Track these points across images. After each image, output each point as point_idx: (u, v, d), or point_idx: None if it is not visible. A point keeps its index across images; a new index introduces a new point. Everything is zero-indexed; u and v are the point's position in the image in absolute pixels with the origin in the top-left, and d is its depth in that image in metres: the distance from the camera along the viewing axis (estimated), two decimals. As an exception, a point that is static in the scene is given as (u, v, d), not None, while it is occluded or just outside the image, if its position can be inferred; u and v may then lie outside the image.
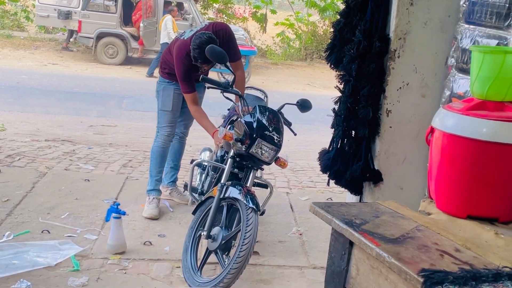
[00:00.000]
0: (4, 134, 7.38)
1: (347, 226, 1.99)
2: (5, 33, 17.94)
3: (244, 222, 3.57)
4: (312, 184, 6.29)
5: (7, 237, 4.14)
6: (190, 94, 4.45)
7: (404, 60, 3.15)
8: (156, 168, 4.89)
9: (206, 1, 21.37)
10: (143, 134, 8.23)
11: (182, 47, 4.40)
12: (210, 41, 4.13)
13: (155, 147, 4.85)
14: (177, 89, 4.67)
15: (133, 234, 4.42)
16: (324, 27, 21.70)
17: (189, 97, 4.47)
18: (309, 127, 9.22)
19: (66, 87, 11.96)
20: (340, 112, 3.31)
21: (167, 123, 4.80)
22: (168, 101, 4.70)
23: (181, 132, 5.03)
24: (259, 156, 3.88)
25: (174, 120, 4.82)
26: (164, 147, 4.85)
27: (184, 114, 4.89)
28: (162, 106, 4.79)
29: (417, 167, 3.22)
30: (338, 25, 3.37)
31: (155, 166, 4.88)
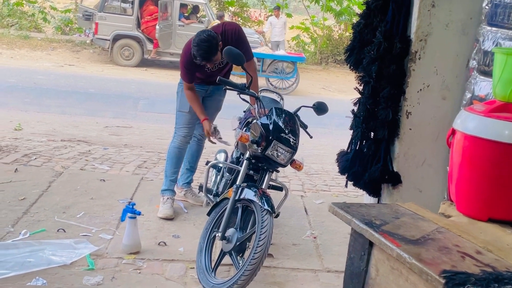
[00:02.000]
0: (21, 134, 7.43)
1: (367, 226, 1.97)
2: (22, 34, 18.10)
3: (259, 224, 3.55)
4: (326, 187, 6.26)
5: (24, 235, 4.15)
6: (188, 84, 4.56)
7: (425, 62, 3.13)
8: (172, 169, 4.89)
9: (222, 4, 21.43)
10: (158, 136, 8.25)
11: (188, 43, 4.43)
12: (209, 39, 4.13)
13: (171, 148, 4.85)
14: (196, 90, 4.66)
15: (148, 234, 4.41)
16: (339, 31, 21.68)
17: (186, 85, 4.57)
18: (324, 131, 9.19)
19: (82, 88, 12.03)
20: (359, 113, 3.29)
21: (184, 124, 4.79)
22: (186, 102, 4.69)
23: (200, 134, 5.02)
24: (275, 158, 3.86)
25: (192, 122, 4.82)
26: (181, 148, 4.85)
27: None
28: (180, 107, 4.79)
29: (436, 169, 3.19)
30: (358, 26, 3.35)
31: (170, 167, 4.88)
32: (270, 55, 14.88)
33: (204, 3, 16.15)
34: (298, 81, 14.58)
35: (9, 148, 6.44)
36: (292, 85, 14.51)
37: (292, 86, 14.51)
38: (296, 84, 14.53)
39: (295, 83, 14.54)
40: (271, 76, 14.60)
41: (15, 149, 6.43)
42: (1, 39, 17.31)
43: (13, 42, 17.17)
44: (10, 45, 16.75)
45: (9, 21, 19.55)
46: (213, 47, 4.16)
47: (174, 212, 4.82)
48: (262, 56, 14.70)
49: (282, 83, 14.63)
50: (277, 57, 14.70)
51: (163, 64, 16.12)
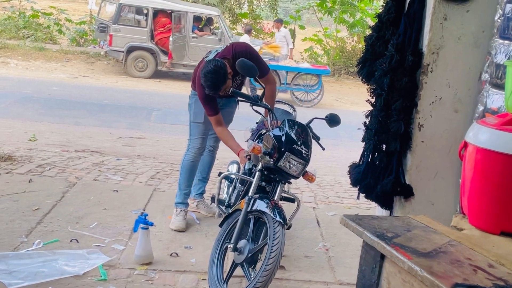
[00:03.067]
0: (35, 144, 7.49)
1: (378, 239, 1.97)
2: (38, 45, 18.28)
3: (271, 235, 3.55)
4: (339, 199, 6.25)
5: (37, 245, 4.18)
6: (214, 116, 4.43)
7: (437, 74, 3.13)
8: (185, 182, 4.91)
9: (235, 16, 21.54)
10: (171, 147, 8.28)
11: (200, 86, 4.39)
12: (216, 70, 4.09)
13: (185, 161, 4.87)
14: None
15: (160, 245, 4.43)
16: (352, 43, 21.71)
17: (213, 119, 4.45)
18: (337, 143, 9.19)
19: (96, 99, 12.11)
20: (371, 125, 3.29)
21: (199, 135, 4.82)
22: (200, 113, 4.72)
23: (211, 146, 5.04)
24: (287, 169, 3.87)
25: (206, 132, 4.85)
26: (194, 161, 4.88)
27: None
28: (194, 118, 4.81)
29: (448, 182, 3.18)
30: (370, 39, 3.37)
31: (184, 180, 4.90)
32: (295, 68, 14.93)
33: (218, 15, 16.24)
34: (323, 93, 14.61)
35: (24, 158, 6.50)
36: (316, 97, 14.54)
37: (317, 98, 14.54)
38: (321, 97, 14.56)
39: (320, 95, 14.57)
40: (295, 89, 14.65)
41: (30, 159, 6.49)
42: (16, 50, 17.49)
43: (29, 53, 17.34)
44: (26, 57, 16.92)
45: (25, 33, 19.76)
46: (220, 77, 4.12)
47: (186, 224, 4.83)
48: (286, 69, 14.76)
49: (307, 96, 14.67)
50: (301, 69, 14.73)
51: (177, 75, 16.20)
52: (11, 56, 16.72)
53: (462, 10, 3.08)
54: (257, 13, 22.75)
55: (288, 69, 14.80)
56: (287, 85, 14.61)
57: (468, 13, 3.09)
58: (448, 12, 3.07)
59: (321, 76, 14.61)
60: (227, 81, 4.22)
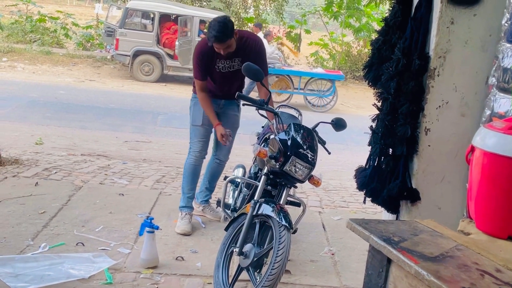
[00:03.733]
0: (41, 148, 7.51)
1: (385, 243, 1.96)
2: (44, 49, 18.36)
3: (277, 239, 3.54)
4: (344, 204, 6.23)
5: (43, 249, 4.19)
6: (200, 81, 4.58)
7: (444, 78, 3.12)
8: (188, 185, 4.91)
9: (240, 20, 21.58)
10: (177, 151, 8.29)
11: (202, 39, 4.62)
12: (225, 21, 4.24)
13: (187, 165, 4.89)
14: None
15: (166, 249, 4.43)
16: (358, 47, 21.72)
17: (198, 83, 4.61)
18: (342, 147, 9.18)
19: (102, 103, 12.15)
20: (377, 129, 3.29)
21: (198, 138, 4.82)
22: (198, 116, 4.74)
23: (223, 157, 5.03)
24: (293, 174, 3.86)
25: (206, 135, 4.85)
26: (196, 165, 4.88)
27: None
28: (193, 121, 4.83)
29: (455, 186, 3.17)
30: (377, 43, 3.37)
31: (187, 184, 4.91)
32: (308, 73, 14.96)
33: (224, 20, 16.24)
34: (337, 99, 14.62)
35: (30, 162, 6.51)
36: (330, 103, 14.54)
37: (330, 103, 14.54)
38: (334, 102, 14.57)
39: (333, 100, 14.57)
40: (308, 94, 14.66)
41: (36, 163, 6.50)
42: (23, 54, 17.57)
43: (35, 57, 17.42)
44: (32, 61, 16.99)
45: (32, 37, 19.86)
46: (228, 28, 4.23)
47: (192, 228, 4.83)
48: (300, 74, 14.80)
49: (320, 101, 14.68)
50: (315, 75, 14.77)
51: (183, 79, 16.23)
52: (18, 60, 16.80)
53: (469, 14, 3.07)
54: (263, 17, 22.78)
55: (302, 74, 14.83)
56: (301, 90, 14.64)
57: (475, 17, 3.09)
58: (455, 16, 3.07)
59: (334, 81, 14.62)
60: (232, 40, 4.30)
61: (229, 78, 4.65)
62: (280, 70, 14.81)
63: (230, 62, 4.55)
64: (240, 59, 4.51)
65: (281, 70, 14.92)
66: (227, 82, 4.66)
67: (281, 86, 14.73)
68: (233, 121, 4.91)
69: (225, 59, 4.51)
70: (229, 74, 4.61)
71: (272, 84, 14.51)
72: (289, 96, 14.86)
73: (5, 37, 19.59)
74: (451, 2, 3.05)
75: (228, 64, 4.55)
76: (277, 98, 14.81)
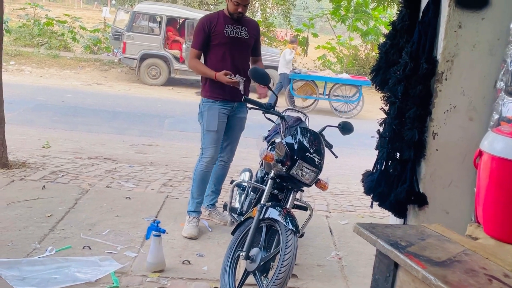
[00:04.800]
0: (48, 151, 7.54)
1: (392, 247, 1.95)
2: (52, 53, 18.45)
3: (283, 244, 3.53)
4: (352, 208, 6.22)
5: (50, 252, 4.20)
6: (196, 50, 4.77)
7: (451, 82, 3.10)
8: (198, 191, 4.91)
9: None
10: (184, 154, 8.30)
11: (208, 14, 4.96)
12: None
13: (198, 171, 4.87)
14: (222, 108, 4.72)
15: (172, 253, 4.42)
16: (366, 51, 21.71)
17: (194, 51, 4.77)
18: (350, 151, 9.16)
19: (109, 106, 12.18)
20: (385, 133, 3.27)
21: (212, 144, 4.80)
22: (213, 121, 4.73)
23: (225, 159, 5.05)
24: (300, 177, 3.85)
25: (219, 141, 4.85)
26: (207, 171, 4.88)
27: (229, 138, 4.96)
28: (207, 127, 4.78)
29: (463, 191, 3.15)
30: (384, 46, 3.36)
31: (197, 189, 4.91)
32: (334, 79, 14.95)
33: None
34: (363, 104, 14.57)
35: (37, 165, 6.54)
36: (355, 108, 14.50)
37: (355, 109, 14.50)
38: (360, 108, 14.53)
39: (359, 106, 14.53)
40: (334, 100, 14.66)
41: (43, 166, 6.53)
42: (31, 58, 17.66)
43: (43, 61, 17.50)
44: (40, 64, 17.07)
45: (39, 41, 19.96)
46: None
47: (198, 232, 4.82)
48: (326, 79, 14.79)
49: (346, 107, 14.66)
50: (340, 80, 14.73)
51: (190, 83, 16.27)
52: (26, 63, 16.88)
53: (477, 18, 3.05)
54: (270, 21, 22.79)
55: (327, 80, 14.81)
56: (326, 95, 14.63)
57: (483, 21, 3.07)
58: (463, 20, 3.05)
59: (361, 87, 14.59)
60: None
61: (236, 45, 4.76)
62: (305, 75, 14.79)
63: (237, 29, 4.74)
64: (246, 29, 4.79)
65: (307, 76, 14.91)
66: (236, 51, 4.76)
67: (306, 91, 14.71)
68: (241, 124, 4.96)
69: (232, 24, 4.73)
70: (237, 41, 4.75)
71: (297, 90, 14.53)
72: (314, 101, 14.84)
73: (13, 41, 19.70)
74: (458, 6, 3.03)
75: (235, 29, 4.74)
76: (302, 103, 14.84)
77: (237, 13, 4.67)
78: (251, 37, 4.83)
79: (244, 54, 4.84)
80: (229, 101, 4.76)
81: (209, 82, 4.72)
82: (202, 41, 4.72)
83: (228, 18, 4.73)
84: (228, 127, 4.87)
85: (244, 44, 4.79)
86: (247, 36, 4.79)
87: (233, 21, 4.72)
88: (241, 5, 4.63)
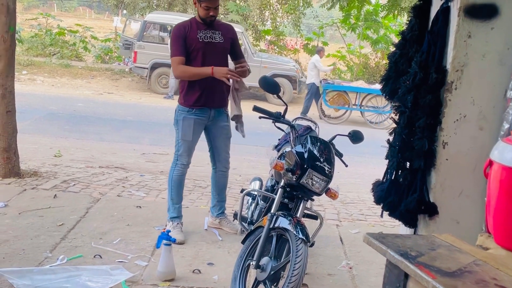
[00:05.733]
0: (60, 160, 7.58)
1: (402, 257, 1.95)
2: (63, 62, 18.58)
3: (294, 253, 3.53)
4: (362, 217, 6.20)
5: (61, 261, 4.22)
6: (178, 57, 4.69)
7: (461, 92, 3.10)
8: (178, 196, 4.97)
9: (258, 32, 21.66)
10: (194, 163, 8.27)
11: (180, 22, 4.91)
12: None
13: (174, 176, 4.93)
14: (198, 118, 4.78)
15: (183, 262, 4.43)
16: (376, 59, 21.69)
17: (176, 59, 4.70)
18: (360, 159, 9.15)
19: (120, 115, 12.25)
20: (394, 143, 3.28)
21: (186, 151, 4.89)
22: (189, 131, 4.79)
23: (224, 167, 5.11)
24: (310, 186, 3.85)
25: (193, 147, 4.93)
26: (182, 175, 4.97)
27: (219, 148, 5.02)
28: (183, 136, 4.84)
29: (474, 200, 3.14)
30: (394, 56, 3.37)
31: (177, 194, 4.96)
32: (367, 89, 14.93)
33: (241, 32, 16.34)
34: None
35: (49, 174, 6.58)
36: (388, 119, 14.45)
37: (388, 119, 14.46)
38: None
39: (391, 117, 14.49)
40: (366, 110, 14.64)
41: (55, 175, 6.57)
42: (43, 67, 17.79)
43: (55, 70, 17.63)
44: (52, 74, 17.20)
45: (51, 50, 20.13)
46: None
47: (185, 236, 4.87)
48: (358, 90, 14.78)
49: (378, 117, 14.64)
50: (373, 91, 14.70)
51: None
52: (38, 73, 17.02)
53: (486, 27, 3.06)
54: (280, 29, 22.84)
55: (360, 90, 14.80)
56: (360, 106, 14.61)
57: (493, 31, 3.07)
58: (472, 30, 3.06)
59: None
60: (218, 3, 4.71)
61: (211, 50, 4.74)
62: (338, 86, 14.75)
63: (211, 33, 4.74)
64: (220, 33, 4.79)
65: (340, 86, 14.91)
66: (210, 55, 4.73)
67: (339, 102, 14.71)
68: (225, 132, 4.99)
69: (205, 29, 4.72)
70: (212, 46, 4.74)
71: (330, 100, 14.54)
72: (346, 112, 14.84)
73: (25, 51, 19.88)
74: (468, 15, 3.04)
75: (209, 34, 4.73)
76: (335, 114, 14.84)
77: (209, 17, 4.68)
78: (226, 41, 4.84)
79: (220, 59, 4.81)
80: (205, 109, 4.79)
81: (186, 89, 4.76)
82: (180, 47, 4.69)
83: (201, 24, 4.74)
84: (212, 137, 4.96)
85: (219, 48, 4.79)
86: (222, 40, 4.79)
87: (206, 26, 4.73)
88: (211, 8, 4.63)
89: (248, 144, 10.06)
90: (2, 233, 4.61)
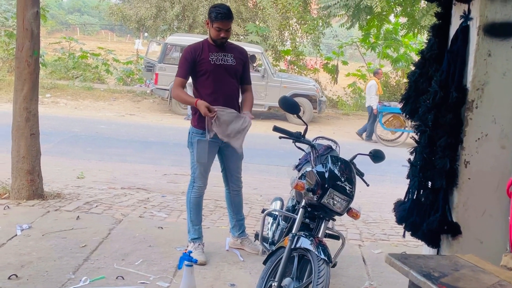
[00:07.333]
0: (83, 182, 7.66)
1: (425, 278, 1.94)
2: (86, 85, 18.84)
3: (316, 273, 3.51)
4: (385, 237, 6.15)
5: (84, 282, 4.24)
6: (181, 78, 4.72)
7: (482, 110, 3.09)
8: (197, 218, 4.98)
9: (277, 53, 21.77)
10: (214, 183, 8.29)
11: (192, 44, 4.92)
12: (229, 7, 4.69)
13: (192, 198, 4.95)
14: (212, 140, 4.75)
15: (204, 283, 4.43)
16: (396, 77, 21.63)
17: (178, 80, 4.73)
18: (382, 179, 9.09)
19: (142, 136, 12.34)
20: (416, 162, 3.26)
21: (202, 173, 4.90)
22: (203, 153, 4.79)
23: (238, 186, 5.12)
24: (331, 206, 3.83)
25: (208, 169, 4.94)
26: (201, 197, 4.98)
27: (231, 169, 5.04)
28: (198, 159, 4.84)
29: (497, 220, 3.11)
30: (414, 75, 3.37)
31: (195, 216, 4.97)
32: None
33: (261, 52, 16.46)
34: None
35: (72, 196, 6.64)
36: None
37: None
38: None
39: None
40: None
41: (77, 197, 6.63)
42: (66, 90, 18.05)
43: (77, 93, 17.87)
44: (75, 96, 17.43)
45: (74, 73, 20.43)
46: (231, 13, 4.67)
47: (206, 257, 4.86)
48: None
49: None
50: None
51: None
52: (61, 96, 17.27)
53: (506, 46, 3.05)
54: (299, 49, 22.92)
55: None
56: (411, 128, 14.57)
57: (513, 49, 3.06)
58: (492, 48, 3.05)
59: None
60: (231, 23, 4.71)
61: (222, 73, 4.74)
62: (394, 108, 14.66)
63: (223, 56, 4.74)
64: (232, 55, 4.78)
65: (395, 108, 14.84)
66: (221, 78, 4.74)
67: (395, 124, 14.68)
68: (237, 153, 4.96)
69: (217, 51, 4.73)
70: (223, 68, 4.74)
71: (386, 123, 14.53)
72: (402, 134, 14.83)
73: (49, 74, 20.20)
74: (487, 34, 3.04)
75: (221, 57, 4.73)
76: (390, 136, 14.80)
77: (220, 39, 4.67)
78: (238, 64, 4.83)
79: (231, 81, 4.81)
80: None
81: (199, 112, 4.71)
82: (185, 70, 4.71)
83: (212, 45, 4.75)
84: (224, 158, 4.96)
85: (231, 71, 4.78)
86: (234, 62, 4.79)
87: (217, 48, 4.74)
88: (222, 30, 4.63)
89: (269, 164, 10.08)
90: (26, 255, 4.66)
